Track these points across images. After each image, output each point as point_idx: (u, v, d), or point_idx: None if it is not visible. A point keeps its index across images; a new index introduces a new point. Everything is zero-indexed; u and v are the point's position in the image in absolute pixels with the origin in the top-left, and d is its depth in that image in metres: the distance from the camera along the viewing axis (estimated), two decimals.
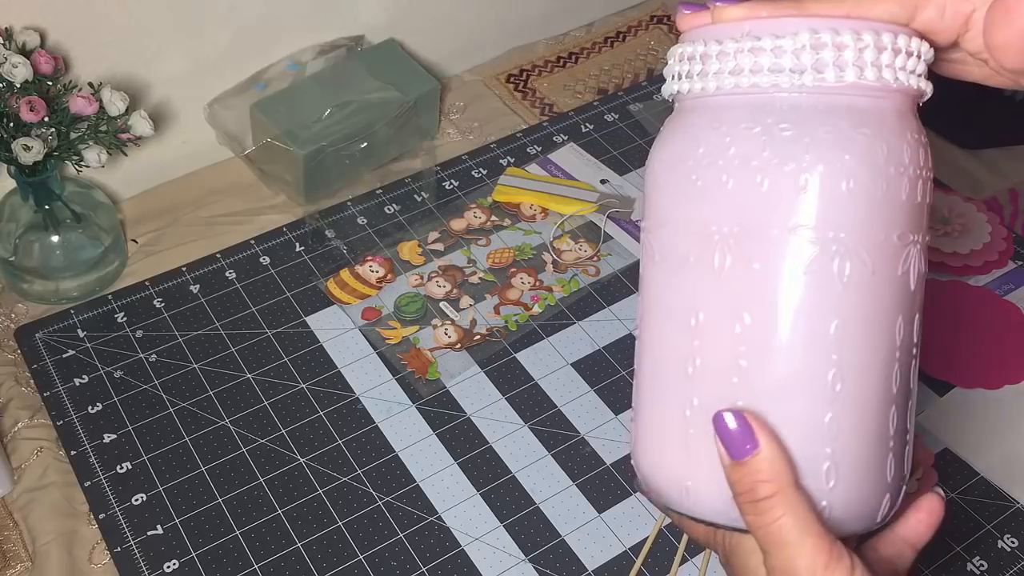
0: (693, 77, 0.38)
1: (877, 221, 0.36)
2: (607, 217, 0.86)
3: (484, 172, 0.90)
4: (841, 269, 0.35)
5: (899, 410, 0.38)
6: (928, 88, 0.38)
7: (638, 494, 0.69)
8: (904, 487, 0.39)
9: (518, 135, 0.94)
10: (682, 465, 0.38)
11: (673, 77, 0.39)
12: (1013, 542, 0.67)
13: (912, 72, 0.37)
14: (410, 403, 0.73)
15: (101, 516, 0.66)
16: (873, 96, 0.36)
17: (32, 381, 0.74)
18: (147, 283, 0.80)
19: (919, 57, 0.37)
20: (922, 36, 0.37)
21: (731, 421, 0.36)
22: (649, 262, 0.39)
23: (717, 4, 0.38)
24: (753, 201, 0.36)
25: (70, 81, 0.73)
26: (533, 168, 0.90)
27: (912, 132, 0.37)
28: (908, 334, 0.37)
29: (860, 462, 0.37)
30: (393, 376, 0.74)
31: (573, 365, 0.76)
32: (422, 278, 0.81)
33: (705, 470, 0.37)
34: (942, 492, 0.44)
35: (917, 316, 0.38)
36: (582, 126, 0.94)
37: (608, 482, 0.69)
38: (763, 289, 0.36)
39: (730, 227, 0.36)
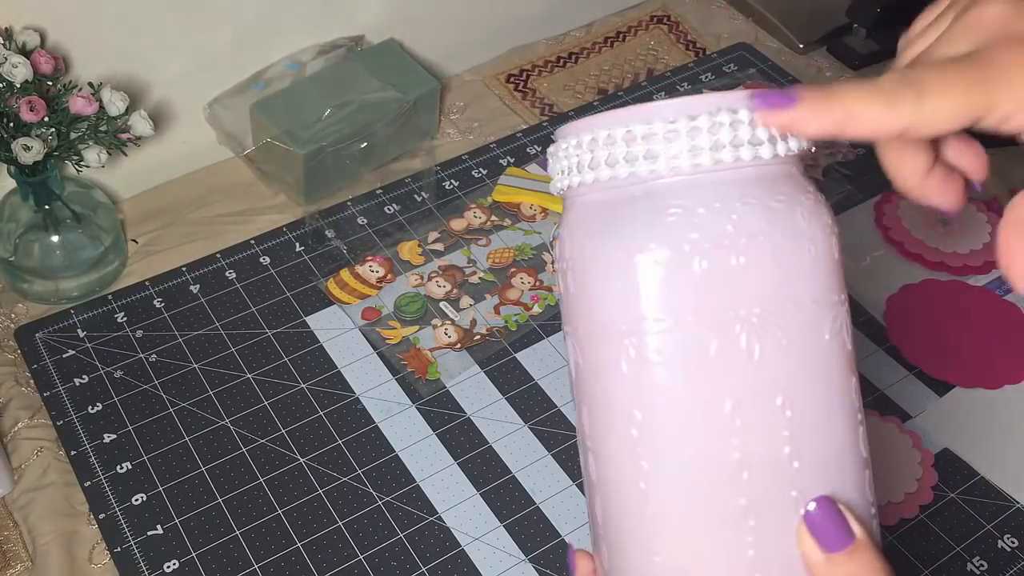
0: (618, 162, 0.36)
1: (839, 283, 0.36)
2: None
3: (484, 172, 0.90)
4: (844, 329, 0.35)
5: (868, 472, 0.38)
6: (804, 145, 0.36)
7: None
8: None
9: (518, 135, 0.94)
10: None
11: (582, 168, 0.38)
12: (1013, 542, 0.67)
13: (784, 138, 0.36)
14: (410, 403, 0.73)
15: (101, 516, 0.66)
16: (796, 163, 0.36)
17: (32, 381, 0.74)
18: (147, 283, 0.80)
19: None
20: None
21: (822, 514, 0.34)
22: (634, 365, 0.35)
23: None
24: (766, 279, 0.34)
25: (70, 81, 0.73)
26: (533, 168, 0.90)
27: (807, 188, 0.36)
28: (855, 393, 0.37)
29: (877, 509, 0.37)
30: (393, 376, 0.74)
31: None
32: (422, 278, 0.81)
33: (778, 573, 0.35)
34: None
35: (853, 376, 0.37)
36: None
37: None
38: (798, 365, 0.34)
39: (750, 309, 0.34)
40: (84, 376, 0.73)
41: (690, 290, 0.34)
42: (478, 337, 0.77)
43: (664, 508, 0.35)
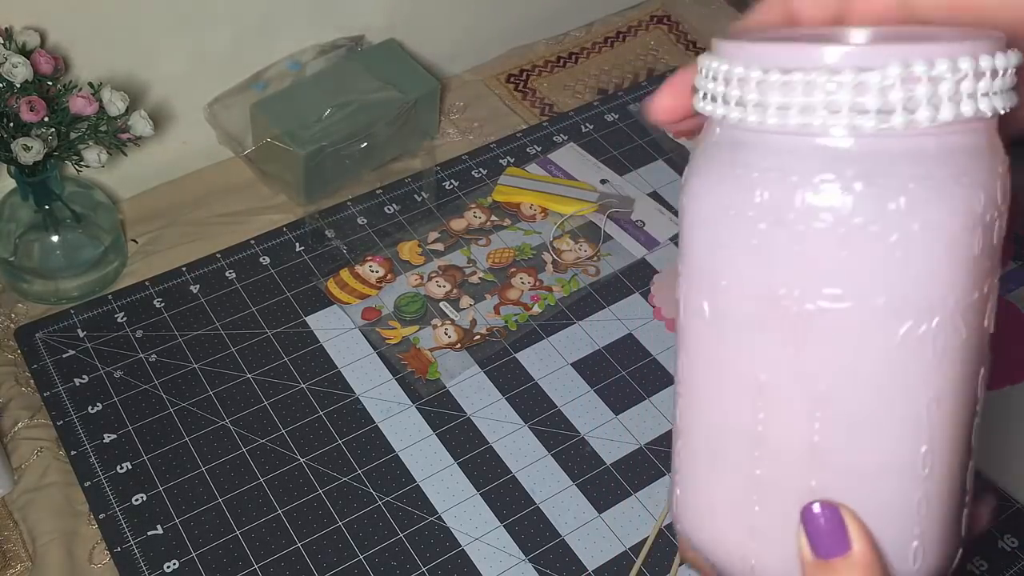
0: (748, 106, 0.31)
1: (973, 280, 0.32)
2: (607, 217, 0.86)
3: (484, 172, 0.90)
4: (936, 340, 0.31)
5: (973, 463, 0.34)
6: (1016, 99, 0.32)
7: (638, 494, 0.69)
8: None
9: (518, 135, 0.94)
10: (745, 543, 0.34)
11: (718, 98, 0.32)
12: (1013, 542, 0.67)
13: (1009, 90, 0.31)
14: (410, 403, 0.73)
15: (101, 516, 0.66)
16: (969, 132, 0.31)
17: (32, 381, 0.74)
18: (147, 283, 0.80)
19: (1014, 70, 0.31)
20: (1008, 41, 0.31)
21: (823, 516, 0.32)
22: (696, 317, 0.34)
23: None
24: (831, 267, 0.30)
25: (70, 81, 0.73)
26: (533, 168, 0.90)
27: (1000, 163, 0.32)
28: (983, 384, 0.34)
29: (945, 530, 0.34)
30: (393, 376, 0.74)
31: (573, 365, 0.76)
32: (422, 278, 0.81)
33: (774, 554, 0.33)
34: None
35: (981, 379, 0.34)
36: (582, 126, 0.94)
37: (608, 482, 0.69)
38: (846, 364, 0.31)
39: (803, 295, 0.31)
40: (84, 376, 0.73)
41: (743, 257, 0.31)
42: (478, 337, 0.77)
43: (687, 447, 0.35)
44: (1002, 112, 0.30)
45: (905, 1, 0.32)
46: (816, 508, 0.32)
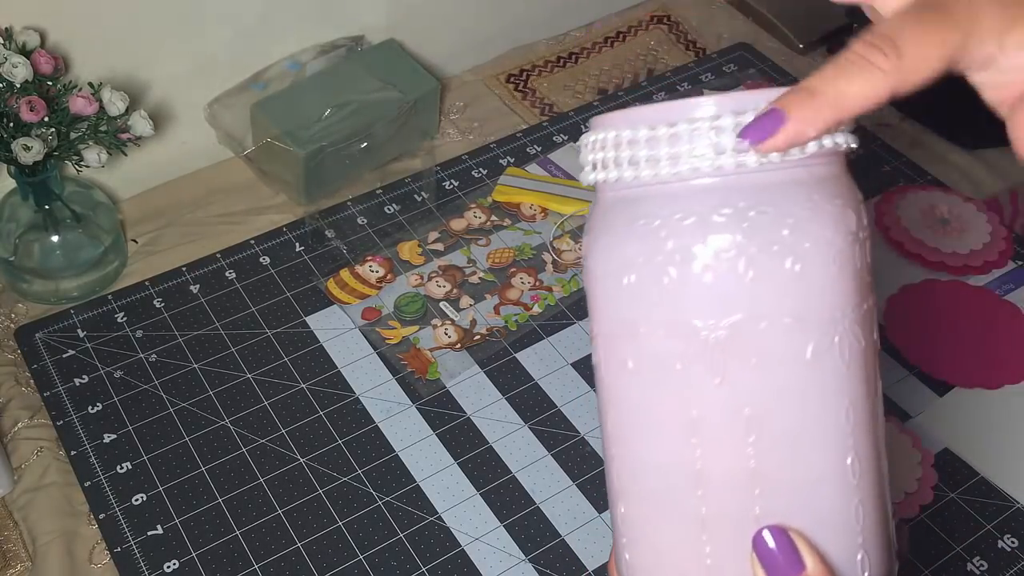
0: (640, 163, 0.34)
1: (861, 292, 0.34)
2: None
3: (484, 172, 0.90)
4: (842, 350, 0.33)
5: (888, 473, 0.36)
6: (855, 142, 0.35)
7: None
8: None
9: (518, 135, 0.94)
10: None
11: (608, 163, 0.35)
12: (1013, 542, 0.67)
13: (852, 131, 0.35)
14: (410, 403, 0.73)
15: (101, 516, 0.66)
16: (832, 163, 0.34)
17: (32, 381, 0.74)
18: (147, 283, 0.80)
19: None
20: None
21: (772, 541, 0.33)
22: (620, 371, 0.35)
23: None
24: (738, 293, 0.33)
25: (70, 81, 0.73)
26: (533, 168, 0.90)
27: (858, 192, 0.35)
28: (880, 397, 0.36)
29: (882, 538, 0.35)
30: (393, 376, 0.74)
31: (573, 365, 0.76)
32: (422, 278, 0.81)
33: None
34: None
35: (879, 386, 0.36)
36: (582, 126, 0.94)
37: None
38: (767, 385, 0.33)
39: (718, 324, 0.33)
40: (84, 376, 0.73)
41: (658, 300, 0.34)
42: (478, 337, 0.77)
43: (630, 508, 0.36)
44: (852, 147, 0.35)
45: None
46: (766, 535, 0.33)
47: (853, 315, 0.34)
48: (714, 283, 0.32)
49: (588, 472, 0.70)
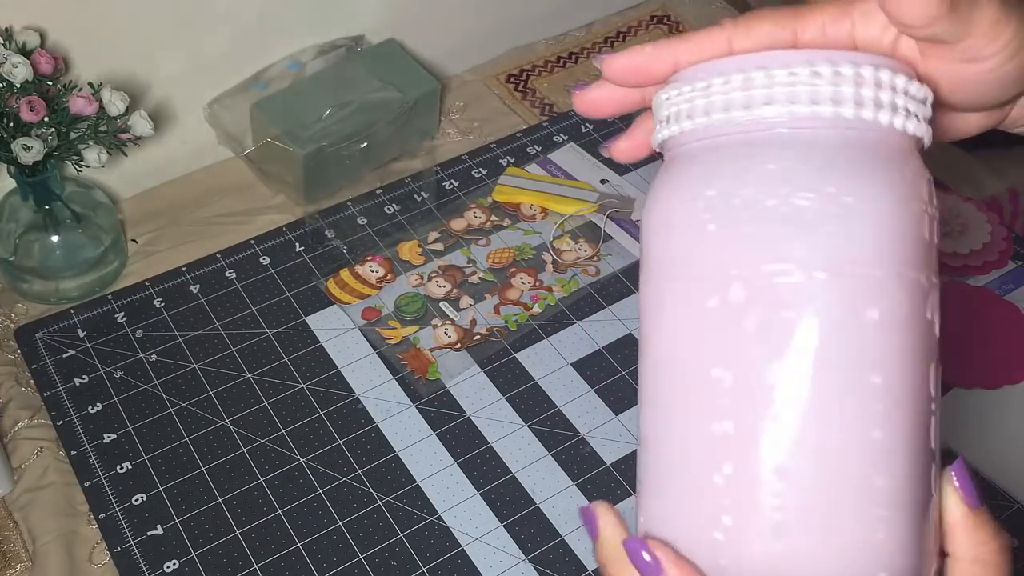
0: (695, 115, 0.35)
1: (928, 264, 0.34)
2: (607, 217, 0.86)
3: (484, 172, 0.90)
4: (879, 309, 0.33)
5: (935, 467, 0.35)
6: (928, 136, 0.35)
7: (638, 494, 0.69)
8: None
9: (518, 135, 0.94)
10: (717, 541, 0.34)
11: (669, 119, 0.36)
12: (1013, 542, 0.67)
13: (919, 113, 0.35)
14: (410, 403, 0.73)
15: (101, 516, 0.66)
16: (889, 133, 0.34)
17: (32, 381, 0.74)
18: (147, 283, 0.80)
19: (919, 100, 0.35)
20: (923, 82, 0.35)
21: (645, 555, 0.33)
22: (658, 308, 0.35)
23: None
24: (770, 244, 0.32)
25: (70, 81, 0.73)
26: (533, 168, 0.90)
27: (929, 176, 0.35)
28: (935, 383, 0.35)
29: (912, 524, 0.33)
30: (393, 376, 0.74)
31: (573, 365, 0.76)
32: (422, 278, 0.81)
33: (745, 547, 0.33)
34: None
35: (934, 365, 0.35)
36: (582, 126, 0.94)
37: (608, 482, 0.69)
38: (798, 339, 0.32)
39: (752, 271, 0.33)
40: (84, 376, 0.73)
41: (708, 247, 0.33)
42: (478, 337, 0.77)
43: (658, 452, 0.36)
44: (922, 135, 0.35)
45: (850, 33, 0.36)
46: (631, 544, 0.34)
47: (897, 282, 0.33)
48: (753, 230, 0.33)
49: (588, 472, 0.70)
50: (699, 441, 0.33)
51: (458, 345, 0.77)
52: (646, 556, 0.33)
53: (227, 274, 0.81)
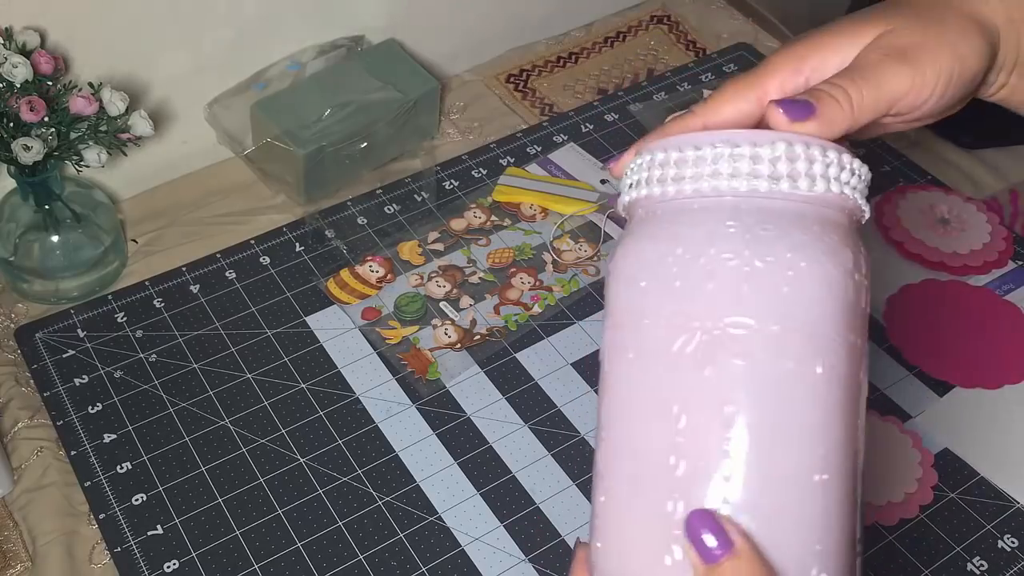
0: (667, 181, 0.39)
1: (850, 325, 0.37)
2: (607, 217, 0.86)
3: (484, 172, 0.90)
4: (824, 370, 0.36)
5: (860, 512, 0.38)
6: (867, 211, 0.40)
7: None
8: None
9: (518, 135, 0.94)
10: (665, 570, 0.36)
11: (641, 183, 0.40)
12: (1013, 542, 0.67)
13: (862, 191, 0.39)
14: (410, 403, 0.73)
15: (101, 516, 0.66)
16: (837, 210, 0.38)
17: (32, 381, 0.74)
18: (147, 283, 0.80)
19: (862, 178, 0.39)
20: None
21: (700, 521, 0.35)
22: (619, 358, 0.39)
23: (675, 116, 0.42)
24: (735, 298, 0.36)
25: (70, 81, 0.74)
26: (533, 168, 0.90)
27: (863, 249, 0.39)
28: (862, 433, 0.38)
29: (840, 558, 0.36)
30: (393, 376, 0.75)
31: (573, 365, 0.76)
32: (422, 278, 0.81)
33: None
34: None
35: (861, 424, 0.38)
36: (582, 126, 0.94)
37: None
38: (751, 386, 0.35)
39: (714, 323, 0.36)
40: (84, 376, 0.73)
41: (665, 296, 0.37)
42: (478, 337, 0.77)
43: (607, 493, 0.38)
44: (864, 211, 0.39)
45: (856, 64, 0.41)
46: (692, 518, 0.35)
47: (839, 341, 0.36)
48: (716, 286, 0.36)
49: (588, 472, 0.70)
50: (654, 476, 0.36)
51: (458, 345, 0.77)
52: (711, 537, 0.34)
53: (227, 274, 0.81)
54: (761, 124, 0.41)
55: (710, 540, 0.34)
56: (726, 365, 0.35)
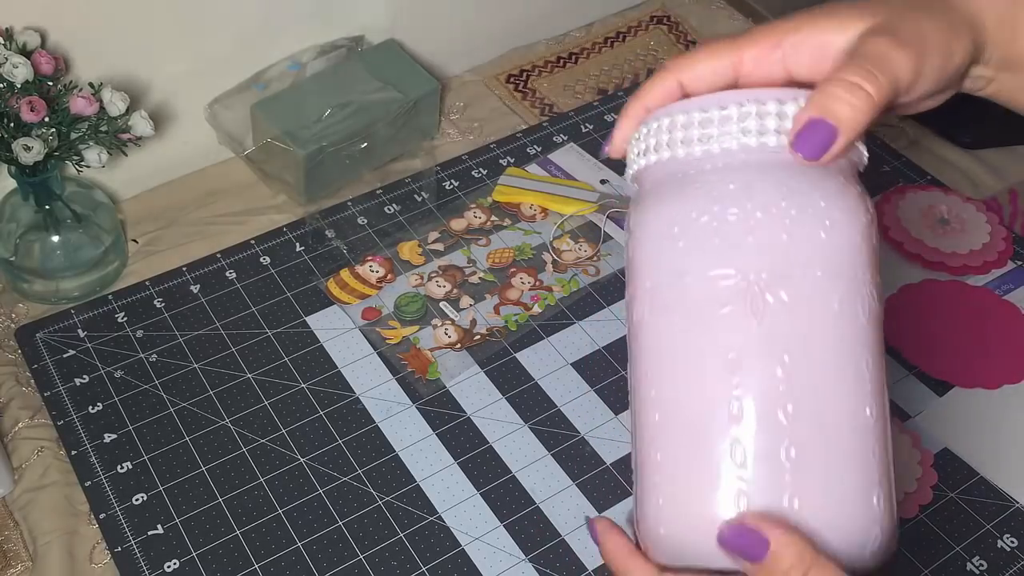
0: (692, 142, 0.40)
1: (875, 266, 0.40)
2: (607, 217, 0.86)
3: (484, 172, 0.90)
4: (864, 307, 0.38)
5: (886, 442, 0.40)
6: (865, 156, 0.42)
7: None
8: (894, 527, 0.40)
9: (518, 135, 0.94)
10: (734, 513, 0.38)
11: (658, 146, 0.41)
12: (1013, 542, 0.67)
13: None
14: (410, 403, 0.73)
15: (101, 516, 0.66)
16: (850, 160, 0.41)
17: (32, 381, 0.74)
18: (147, 283, 0.80)
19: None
20: None
21: (734, 532, 0.37)
22: (663, 318, 0.40)
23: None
24: (779, 247, 0.38)
25: (70, 81, 0.74)
26: (533, 168, 0.91)
27: (864, 191, 0.41)
28: (882, 368, 0.40)
29: (890, 487, 0.39)
30: (393, 376, 0.75)
31: (573, 365, 0.76)
32: (422, 278, 0.81)
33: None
34: None
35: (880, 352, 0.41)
36: (582, 126, 0.95)
37: (608, 482, 0.69)
38: (802, 328, 0.37)
39: (760, 272, 0.38)
40: (84, 376, 0.73)
41: (707, 250, 0.38)
42: (478, 337, 0.77)
43: (665, 450, 0.39)
44: (864, 155, 0.41)
45: (782, 64, 0.42)
46: (726, 530, 0.37)
47: (872, 282, 0.39)
48: (759, 237, 0.38)
49: (588, 472, 0.70)
50: (716, 423, 0.38)
51: (458, 345, 0.77)
52: (747, 535, 0.37)
53: (227, 274, 0.81)
54: (733, 87, 0.43)
55: (746, 547, 0.37)
56: (776, 312, 0.37)
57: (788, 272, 0.37)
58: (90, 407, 0.72)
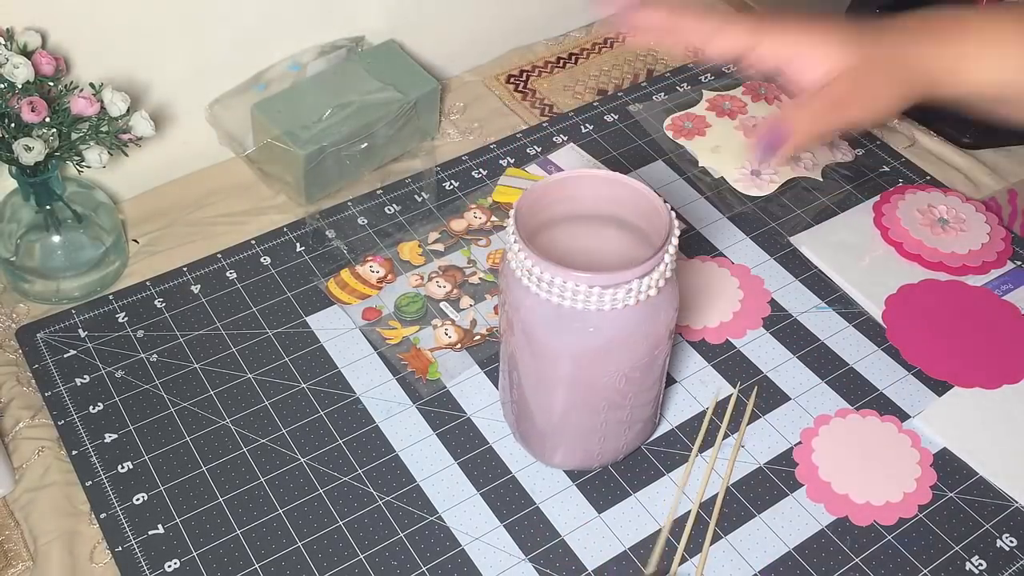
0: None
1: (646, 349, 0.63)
2: None
3: (484, 172, 0.90)
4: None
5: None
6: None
7: (638, 494, 0.69)
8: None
9: (518, 135, 0.94)
10: None
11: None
12: (1012, 542, 0.67)
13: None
14: (410, 403, 0.73)
15: (102, 515, 0.66)
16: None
17: (33, 381, 0.74)
18: (148, 283, 0.80)
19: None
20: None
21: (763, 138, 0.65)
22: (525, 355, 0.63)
23: None
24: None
25: (71, 82, 0.74)
26: (533, 168, 0.91)
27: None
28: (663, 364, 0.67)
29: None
30: (393, 376, 0.75)
31: None
32: (422, 278, 0.81)
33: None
34: None
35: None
36: (582, 126, 0.95)
37: (608, 482, 0.69)
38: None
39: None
40: (85, 376, 0.74)
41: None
42: (478, 337, 0.77)
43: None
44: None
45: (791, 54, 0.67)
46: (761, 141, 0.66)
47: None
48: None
49: (588, 472, 0.70)
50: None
51: (458, 345, 0.77)
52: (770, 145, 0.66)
53: (228, 274, 0.81)
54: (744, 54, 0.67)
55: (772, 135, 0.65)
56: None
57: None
58: (91, 407, 0.72)
